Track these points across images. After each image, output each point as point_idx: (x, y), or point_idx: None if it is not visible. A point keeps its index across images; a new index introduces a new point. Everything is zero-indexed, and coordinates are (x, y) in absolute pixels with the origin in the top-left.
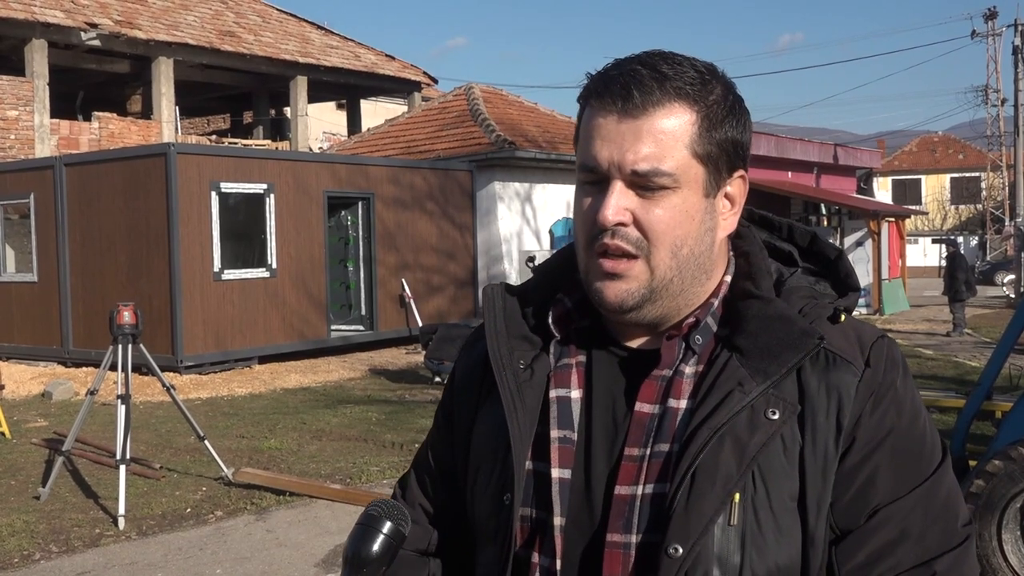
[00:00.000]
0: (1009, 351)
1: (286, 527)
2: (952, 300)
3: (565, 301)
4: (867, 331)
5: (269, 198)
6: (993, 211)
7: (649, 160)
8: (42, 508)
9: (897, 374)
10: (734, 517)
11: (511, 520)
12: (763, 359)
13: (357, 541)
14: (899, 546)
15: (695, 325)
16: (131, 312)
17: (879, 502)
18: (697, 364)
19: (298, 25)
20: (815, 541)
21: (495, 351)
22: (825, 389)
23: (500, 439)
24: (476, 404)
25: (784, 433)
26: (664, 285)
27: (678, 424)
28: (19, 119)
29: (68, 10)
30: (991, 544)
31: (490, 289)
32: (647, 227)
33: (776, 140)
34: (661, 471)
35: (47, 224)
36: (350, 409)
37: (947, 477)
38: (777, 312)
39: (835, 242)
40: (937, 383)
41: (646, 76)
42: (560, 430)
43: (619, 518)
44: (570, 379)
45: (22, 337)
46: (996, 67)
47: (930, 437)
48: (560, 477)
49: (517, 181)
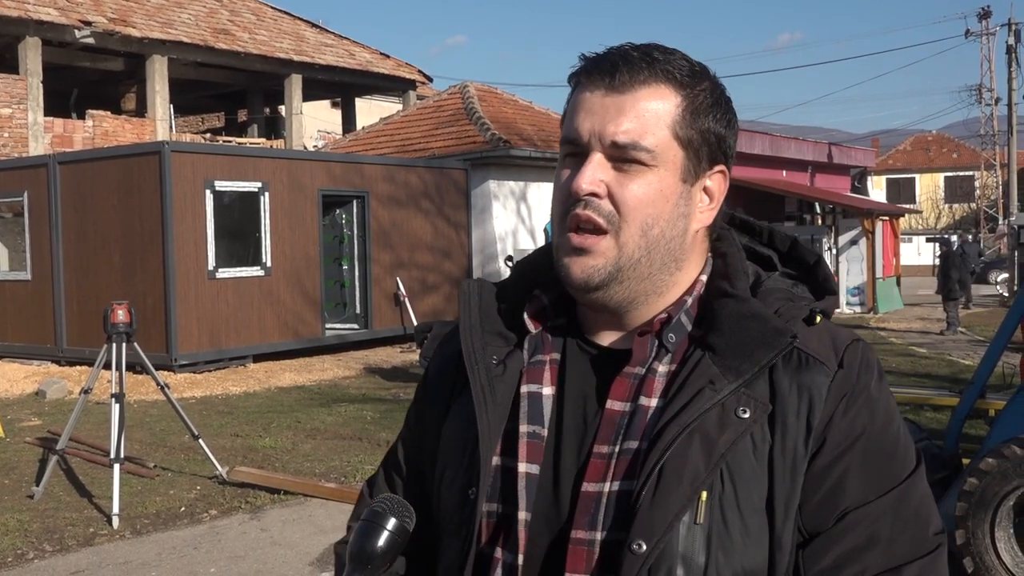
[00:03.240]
0: (1002, 350)
1: (281, 526)
2: (945, 299)
3: (542, 297)
4: (842, 334)
5: (264, 196)
6: (987, 210)
7: (629, 134)
8: (36, 507)
9: (871, 377)
10: (700, 516)
11: (475, 515)
12: (736, 357)
13: (362, 537)
14: (867, 551)
15: (667, 321)
16: (125, 310)
17: (848, 505)
18: (670, 363)
19: (292, 23)
20: (782, 543)
21: (468, 346)
22: (797, 389)
23: (469, 434)
24: (448, 400)
25: (754, 432)
26: (632, 264)
27: (648, 422)
28: (12, 117)
29: (62, 8)
30: (984, 542)
31: (467, 284)
32: (620, 201)
33: (770, 139)
34: (629, 468)
35: (41, 222)
36: (345, 408)
37: (920, 484)
38: (752, 311)
39: (830, 241)
40: (931, 382)
41: (636, 57)
42: (529, 425)
43: (585, 514)
44: (543, 375)
45: (16, 336)
46: (990, 66)
47: (904, 442)
48: (527, 472)
49: (512, 180)
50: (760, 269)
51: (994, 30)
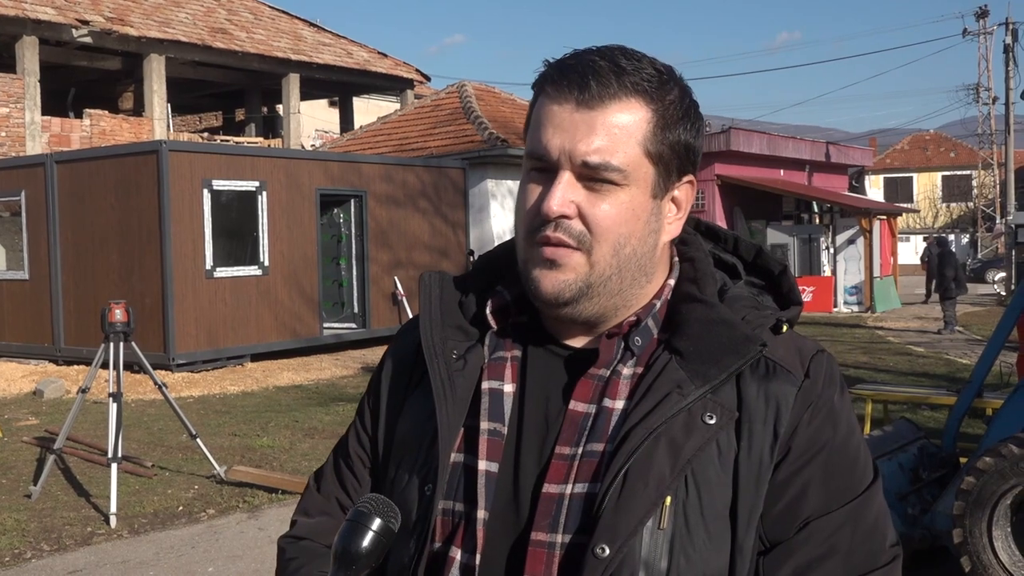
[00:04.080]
0: (1000, 349)
1: (278, 525)
2: (943, 298)
3: (504, 294)
4: (807, 344)
5: (261, 196)
6: (984, 209)
7: (601, 153)
8: (33, 506)
9: (835, 390)
10: (664, 521)
11: (431, 512)
12: (703, 363)
13: (346, 537)
14: (827, 560)
15: (635, 324)
16: (123, 310)
17: (809, 515)
18: (636, 365)
19: (290, 22)
20: (743, 551)
21: (428, 339)
22: (764, 397)
23: (427, 429)
24: (404, 393)
25: (720, 439)
26: (603, 282)
27: (612, 424)
28: (10, 116)
29: (59, 7)
30: (981, 541)
31: (427, 276)
32: (591, 221)
33: (768, 138)
34: (593, 471)
35: (38, 222)
36: (342, 407)
37: (877, 497)
38: (720, 316)
39: (827, 240)
40: (928, 380)
41: (605, 68)
42: (490, 422)
43: (546, 516)
44: (504, 372)
45: (13, 335)
46: (987, 65)
47: (863, 456)
48: (487, 470)
49: (510, 179)
50: (727, 276)
51: (992, 29)
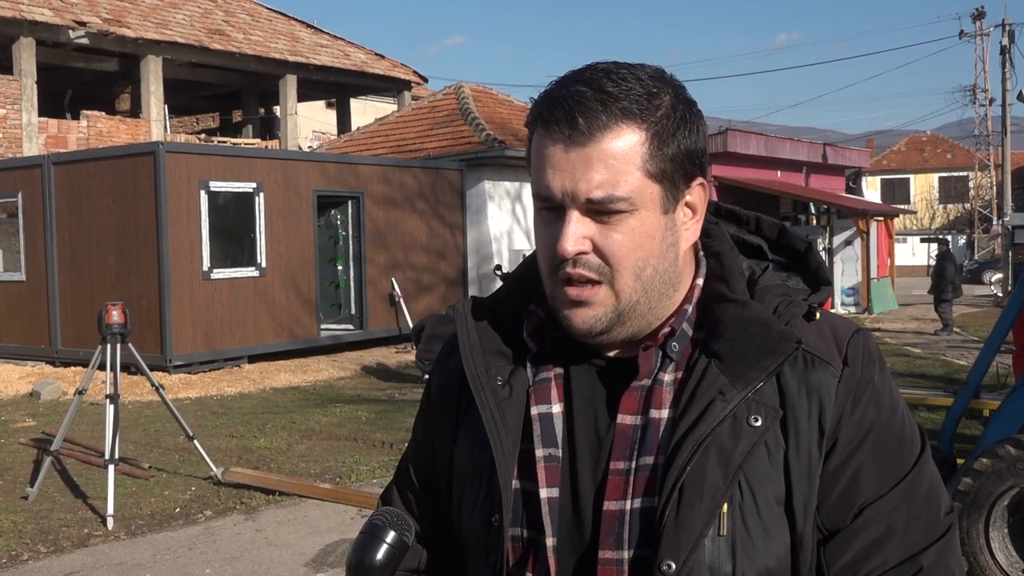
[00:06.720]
0: (997, 350)
1: (276, 527)
2: (938, 300)
3: (538, 312)
4: (842, 327)
5: (258, 197)
6: (981, 210)
7: (603, 187)
8: (30, 508)
9: (875, 369)
10: (723, 527)
11: (501, 541)
12: (743, 365)
13: (361, 550)
14: (886, 543)
15: (671, 334)
16: (120, 311)
17: (864, 500)
18: (676, 371)
19: (287, 24)
20: (804, 543)
21: (472, 369)
22: (806, 391)
23: (484, 458)
24: (456, 421)
25: (767, 439)
26: (631, 307)
27: (661, 435)
28: (7, 117)
29: (56, 8)
30: (979, 542)
31: (460, 306)
32: (607, 253)
33: (765, 139)
34: (648, 485)
35: (35, 223)
36: (340, 408)
37: (928, 466)
38: (754, 316)
39: (824, 241)
40: (925, 382)
41: (590, 98)
42: (545, 448)
43: (610, 535)
44: (550, 394)
45: (10, 336)
46: (984, 67)
47: (909, 428)
48: (549, 497)
49: (507, 180)
50: (754, 264)
51: (988, 31)
